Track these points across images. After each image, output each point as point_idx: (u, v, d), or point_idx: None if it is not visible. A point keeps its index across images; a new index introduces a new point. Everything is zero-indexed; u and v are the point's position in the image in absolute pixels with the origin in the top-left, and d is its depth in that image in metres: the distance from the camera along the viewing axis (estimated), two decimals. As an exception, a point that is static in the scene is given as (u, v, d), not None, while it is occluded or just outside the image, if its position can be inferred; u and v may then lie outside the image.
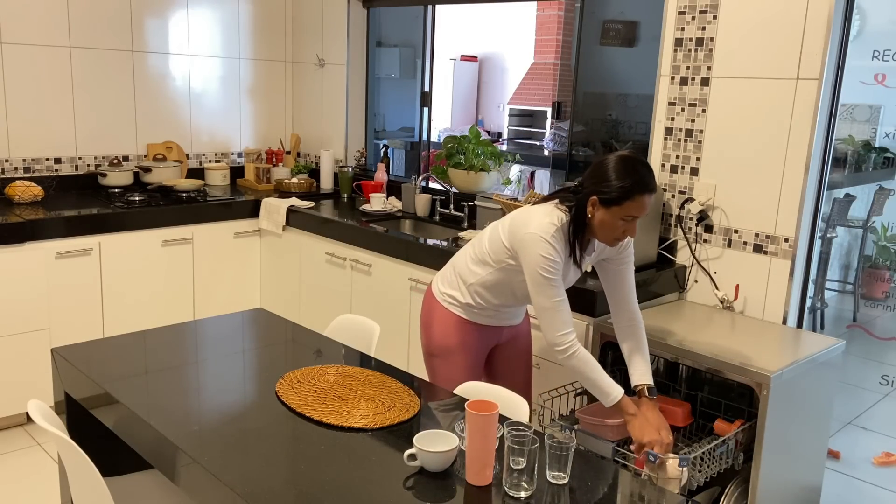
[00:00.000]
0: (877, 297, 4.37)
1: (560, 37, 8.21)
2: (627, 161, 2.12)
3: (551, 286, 2.15)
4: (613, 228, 2.14)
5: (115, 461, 2.17)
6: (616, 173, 2.10)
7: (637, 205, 2.10)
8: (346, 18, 4.46)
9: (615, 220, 2.12)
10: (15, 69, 3.80)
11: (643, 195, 2.10)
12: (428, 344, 2.47)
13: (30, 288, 3.37)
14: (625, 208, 2.10)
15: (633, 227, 2.15)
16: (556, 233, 2.16)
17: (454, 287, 2.43)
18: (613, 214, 2.12)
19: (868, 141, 4.13)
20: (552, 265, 2.14)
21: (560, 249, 2.16)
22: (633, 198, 2.09)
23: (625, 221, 2.12)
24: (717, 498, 2.38)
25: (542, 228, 2.16)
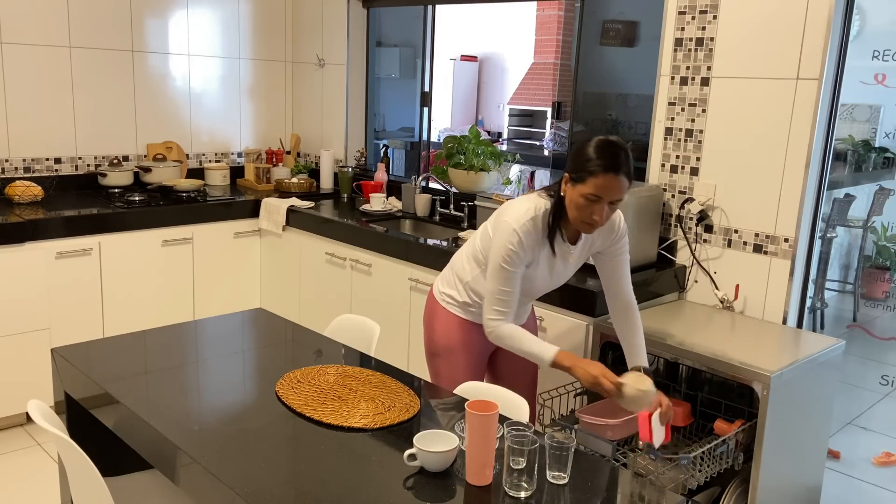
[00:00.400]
0: (877, 297, 4.37)
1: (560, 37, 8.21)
2: (604, 142, 2.08)
3: (505, 276, 2.16)
4: (580, 209, 2.09)
5: (115, 461, 2.17)
6: (589, 152, 2.07)
7: (602, 184, 2.04)
8: (346, 18, 4.46)
9: (581, 198, 2.08)
10: (15, 69, 3.80)
11: (608, 174, 2.03)
12: (430, 344, 2.47)
13: (30, 288, 3.37)
14: (589, 185, 2.05)
15: (600, 210, 2.08)
16: (528, 222, 2.15)
17: (452, 286, 2.43)
18: (579, 192, 2.07)
19: (868, 141, 4.13)
20: (513, 257, 2.15)
21: (529, 241, 2.16)
22: (597, 175, 2.04)
23: (589, 201, 2.07)
24: (717, 498, 2.38)
25: (517, 217, 2.16)
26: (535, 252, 2.21)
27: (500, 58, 9.19)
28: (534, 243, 2.18)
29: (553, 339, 2.78)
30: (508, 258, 2.15)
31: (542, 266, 2.26)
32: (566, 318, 2.75)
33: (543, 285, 2.34)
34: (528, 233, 2.16)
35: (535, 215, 2.17)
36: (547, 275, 2.30)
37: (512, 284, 2.18)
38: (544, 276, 2.29)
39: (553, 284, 2.36)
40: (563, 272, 2.33)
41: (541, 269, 2.27)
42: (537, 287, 2.33)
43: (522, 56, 8.63)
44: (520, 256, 2.16)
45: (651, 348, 2.51)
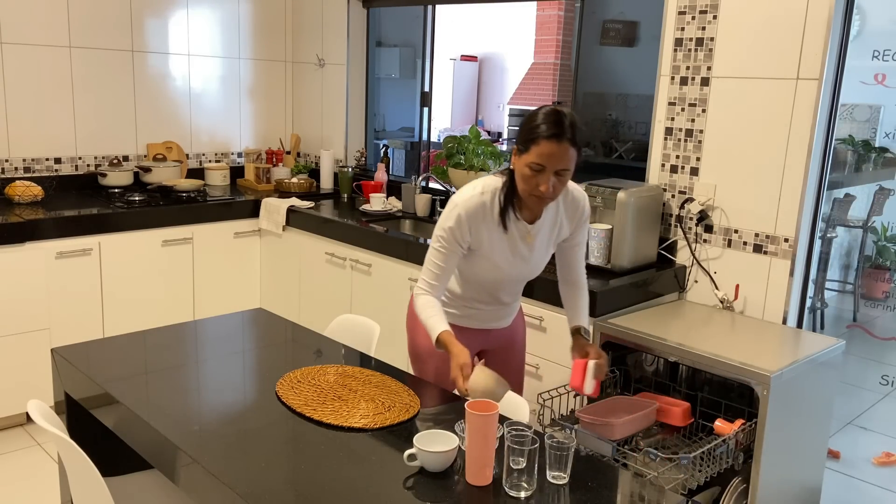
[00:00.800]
0: (877, 297, 4.37)
1: (560, 37, 8.21)
2: (549, 110, 2.00)
3: (438, 250, 2.12)
4: (526, 179, 2.01)
5: (115, 461, 2.17)
6: (533, 120, 2.00)
7: (545, 151, 1.95)
8: (346, 18, 4.46)
9: (526, 168, 1.99)
10: (15, 69, 3.80)
11: (550, 141, 1.94)
12: (413, 348, 2.40)
13: (30, 288, 3.37)
14: (532, 154, 1.97)
15: (546, 179, 1.98)
16: (474, 198, 2.10)
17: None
18: (524, 162, 2.00)
19: (868, 141, 4.13)
20: (449, 232, 2.10)
21: (474, 219, 2.10)
22: (539, 143, 1.95)
23: (534, 171, 1.98)
24: (717, 498, 2.38)
25: (462, 194, 2.12)
26: (483, 231, 2.12)
27: (500, 58, 9.19)
28: (479, 222, 2.11)
29: (553, 338, 2.78)
30: (445, 233, 2.10)
31: (498, 247, 2.15)
32: (566, 318, 2.74)
33: (514, 273, 2.23)
34: (472, 211, 2.09)
35: (482, 192, 2.11)
36: (510, 257, 2.18)
37: (445, 261, 2.12)
38: (508, 259, 2.18)
39: (526, 271, 2.25)
40: (532, 256, 2.21)
41: (499, 251, 2.16)
42: (504, 275, 2.22)
43: (522, 56, 8.63)
44: (455, 233, 2.09)
45: (651, 348, 2.51)
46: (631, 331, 2.57)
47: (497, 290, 2.28)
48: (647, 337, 2.51)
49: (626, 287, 2.79)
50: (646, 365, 2.77)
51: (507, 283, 2.26)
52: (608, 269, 2.88)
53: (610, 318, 2.67)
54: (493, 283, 2.24)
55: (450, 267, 2.15)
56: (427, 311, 2.12)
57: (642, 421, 2.35)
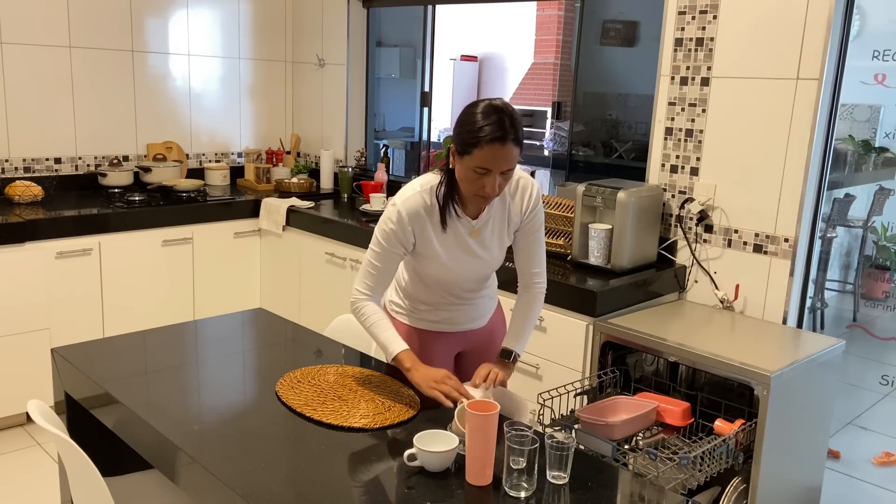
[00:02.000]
0: (877, 297, 4.37)
1: (560, 37, 8.21)
2: (487, 108, 1.88)
3: (377, 251, 2.05)
4: (470, 182, 1.92)
5: (115, 461, 2.17)
6: (466, 122, 1.89)
7: (486, 155, 1.86)
8: (346, 18, 4.46)
9: (469, 172, 1.90)
10: (15, 69, 3.79)
11: (493, 144, 1.85)
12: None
13: (30, 288, 3.37)
14: (475, 158, 1.87)
15: (492, 182, 1.90)
16: (413, 197, 2.01)
17: (396, 293, 2.31)
18: (466, 166, 1.90)
19: (868, 141, 4.13)
20: (388, 233, 2.02)
21: (414, 218, 2.01)
22: (482, 146, 1.85)
23: (478, 174, 1.89)
24: (717, 498, 2.38)
25: (401, 194, 2.04)
26: (428, 230, 2.04)
27: (500, 58, 9.19)
28: (423, 221, 2.02)
29: (553, 338, 2.78)
30: (383, 233, 2.03)
31: (444, 246, 2.06)
32: (566, 318, 2.75)
33: (464, 270, 2.12)
34: (413, 210, 2.00)
35: (421, 190, 2.02)
36: (460, 255, 2.09)
37: (383, 261, 2.05)
38: (457, 256, 2.09)
39: (481, 266, 2.14)
40: (483, 251, 2.11)
41: (446, 250, 2.07)
42: (457, 273, 2.12)
43: (522, 56, 8.63)
44: (396, 233, 2.01)
45: (651, 348, 2.51)
46: (631, 331, 2.57)
47: (456, 288, 2.19)
48: (647, 337, 2.52)
49: (626, 287, 2.79)
50: (646, 365, 2.77)
51: (464, 280, 2.17)
52: (608, 269, 2.88)
53: (610, 318, 2.67)
54: (450, 282, 2.16)
55: (388, 269, 2.07)
56: (379, 326, 2.06)
57: (642, 421, 2.35)
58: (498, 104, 1.91)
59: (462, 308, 2.25)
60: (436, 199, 2.03)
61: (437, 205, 2.03)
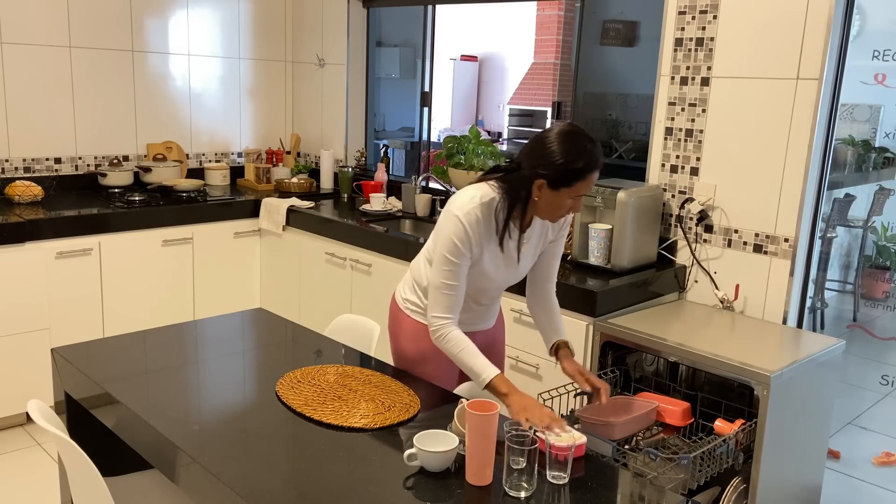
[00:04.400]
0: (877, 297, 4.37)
1: (560, 37, 8.21)
2: (572, 138, 1.98)
3: (449, 269, 2.05)
4: (560, 207, 2.03)
5: (115, 461, 2.17)
6: (563, 153, 1.96)
7: (587, 183, 2.00)
8: (346, 18, 4.46)
9: (564, 199, 2.01)
10: (15, 69, 3.80)
11: (594, 173, 2.00)
12: (397, 355, 2.35)
13: (30, 288, 3.37)
14: (575, 189, 1.99)
15: (580, 203, 2.06)
16: (475, 210, 2.03)
17: (413, 292, 2.32)
18: (563, 195, 2.00)
19: (868, 141, 4.13)
20: (458, 249, 2.04)
21: (477, 232, 2.05)
22: (584, 178, 1.98)
23: (573, 200, 2.02)
24: (717, 498, 2.38)
25: (461, 206, 2.04)
26: (482, 244, 2.08)
27: (500, 58, 9.19)
28: (481, 233, 2.06)
29: (553, 339, 2.78)
30: (453, 248, 2.04)
31: (492, 258, 2.13)
32: (566, 318, 2.74)
33: (500, 280, 2.21)
34: (475, 222, 2.04)
35: (481, 203, 2.05)
36: (503, 268, 2.17)
37: (455, 278, 2.06)
38: (499, 269, 2.17)
39: (511, 280, 2.24)
40: (520, 263, 2.21)
41: (493, 263, 2.14)
42: (494, 283, 2.21)
43: (522, 56, 8.63)
44: (465, 247, 2.04)
45: (651, 348, 2.51)
46: (631, 331, 2.57)
47: (482, 295, 2.25)
48: (647, 337, 2.52)
49: (626, 287, 2.79)
50: (646, 365, 2.77)
51: (493, 289, 2.25)
52: (608, 269, 2.88)
53: (610, 318, 2.67)
54: (480, 290, 2.22)
55: (462, 285, 2.09)
56: (467, 352, 2.05)
57: (642, 421, 2.35)
58: (583, 131, 2.02)
59: (476, 311, 2.30)
60: (492, 215, 2.07)
61: (494, 221, 2.07)
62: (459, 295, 2.09)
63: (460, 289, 2.08)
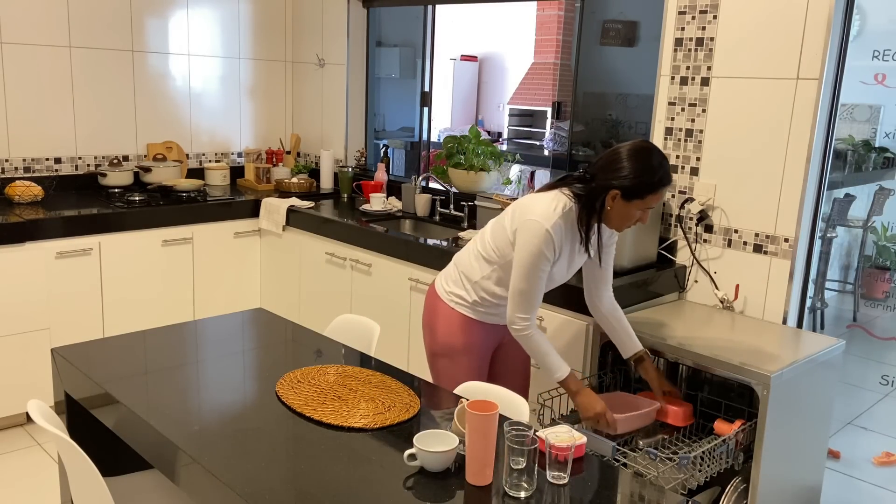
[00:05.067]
0: (877, 297, 4.38)
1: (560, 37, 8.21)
2: (647, 154, 2.17)
3: (536, 277, 2.20)
4: (630, 218, 2.21)
5: (115, 461, 2.17)
6: (639, 169, 2.14)
7: (658, 196, 2.18)
8: (346, 18, 4.46)
9: (634, 211, 2.19)
10: (15, 69, 3.80)
11: (665, 187, 2.19)
12: (432, 344, 2.46)
13: (30, 288, 3.37)
14: (647, 201, 2.17)
15: (647, 214, 2.23)
16: (559, 220, 2.18)
17: (459, 286, 2.41)
18: (634, 207, 2.18)
19: (868, 141, 4.13)
20: (546, 259, 2.19)
21: (559, 240, 2.20)
22: (656, 191, 2.17)
23: (642, 211, 2.20)
24: (717, 498, 2.38)
25: (546, 216, 2.18)
26: (561, 251, 2.24)
27: (500, 58, 9.19)
28: (563, 241, 2.22)
29: (553, 338, 2.78)
30: (540, 257, 2.18)
31: (561, 265, 2.29)
32: (566, 318, 2.75)
33: (561, 280, 2.38)
34: (558, 231, 2.20)
35: (563, 213, 2.20)
36: (565, 272, 2.34)
37: (540, 286, 2.23)
38: (562, 273, 2.33)
39: (566, 278, 2.41)
40: (578, 264, 2.38)
41: (560, 268, 2.30)
42: (556, 282, 2.36)
43: (522, 56, 8.62)
44: (551, 255, 2.20)
45: (651, 348, 2.51)
46: (631, 331, 2.56)
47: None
48: (647, 337, 2.51)
49: (626, 287, 2.79)
50: (646, 365, 2.77)
51: (547, 289, 2.37)
52: (608, 269, 2.87)
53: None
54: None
55: (542, 288, 2.25)
56: (547, 351, 2.25)
57: (643, 419, 2.35)
58: (656, 148, 2.21)
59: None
60: (573, 224, 2.22)
61: (575, 230, 2.23)
62: (540, 298, 2.26)
63: (541, 292, 2.25)
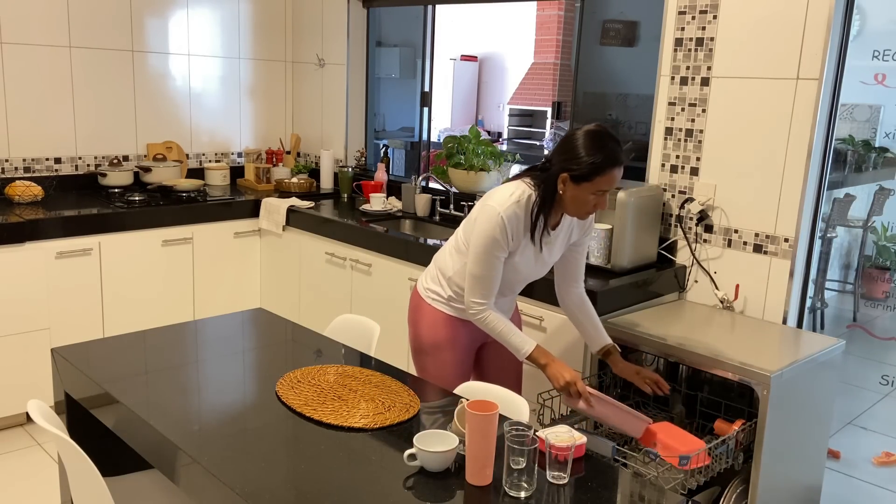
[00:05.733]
0: (877, 297, 4.37)
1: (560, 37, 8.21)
2: (596, 136, 2.13)
3: (489, 262, 2.21)
4: (584, 203, 2.17)
5: (115, 461, 2.17)
6: (586, 149, 2.11)
7: (607, 179, 2.12)
8: (346, 18, 4.46)
9: (586, 195, 2.15)
10: (15, 69, 3.79)
11: (613, 169, 2.12)
12: (415, 341, 2.47)
13: (30, 288, 3.37)
14: (595, 183, 2.12)
15: (604, 200, 2.18)
16: (513, 206, 2.18)
17: (436, 282, 2.43)
18: (584, 190, 2.14)
19: (868, 141, 4.13)
20: (499, 245, 2.19)
21: (514, 227, 2.19)
22: (603, 173, 2.11)
23: (595, 196, 2.15)
24: (717, 498, 2.38)
25: (501, 202, 2.19)
26: (518, 239, 2.22)
27: (500, 58, 9.19)
28: (516, 228, 2.20)
29: (553, 338, 2.78)
30: (492, 242, 2.18)
31: (526, 254, 2.28)
32: (566, 319, 2.75)
33: (527, 274, 2.36)
34: (513, 217, 2.18)
35: (519, 200, 2.19)
36: (532, 263, 2.32)
37: (494, 269, 2.22)
38: (529, 264, 2.31)
39: (536, 274, 2.39)
40: (545, 261, 2.35)
41: (525, 258, 2.28)
42: (522, 276, 2.35)
43: (522, 56, 8.63)
44: (503, 241, 2.19)
45: (651, 348, 2.51)
46: (631, 331, 2.57)
47: (507, 288, 2.37)
48: (647, 337, 2.52)
49: (626, 287, 2.79)
50: (646, 365, 2.77)
51: (519, 282, 2.39)
52: (608, 269, 2.88)
53: (610, 318, 2.67)
54: (508, 282, 2.34)
55: (499, 275, 2.24)
56: (507, 330, 2.24)
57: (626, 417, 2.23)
58: (608, 131, 2.16)
59: (499, 303, 2.39)
60: (526, 209, 2.21)
61: (530, 220, 2.21)
62: (495, 284, 2.25)
63: (496, 278, 2.25)
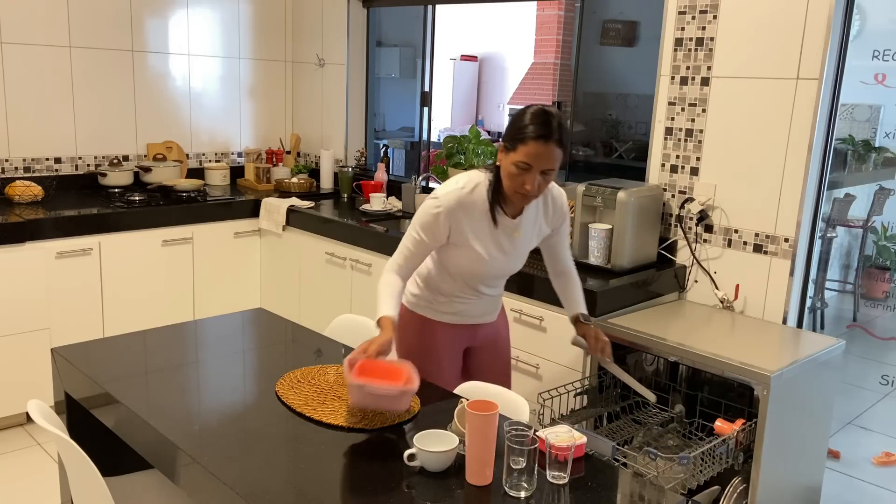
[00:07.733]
0: (877, 297, 4.38)
1: (560, 37, 8.21)
2: (538, 110, 2.05)
3: (413, 236, 2.19)
4: (512, 178, 2.06)
5: (115, 461, 2.17)
6: (519, 118, 2.05)
7: (532, 151, 2.00)
8: (346, 18, 4.46)
9: (512, 167, 2.04)
10: (15, 69, 3.79)
11: (538, 141, 1.99)
12: (400, 346, 2.39)
13: (30, 288, 3.37)
14: (519, 153, 2.02)
15: (532, 179, 2.04)
16: (456, 191, 2.15)
17: (413, 284, 2.38)
18: (511, 160, 2.04)
19: (868, 141, 4.13)
20: (427, 223, 2.16)
21: (456, 215, 2.15)
22: (527, 143, 2.00)
23: (521, 170, 2.03)
24: (717, 498, 2.38)
25: (444, 188, 2.17)
26: (465, 225, 2.16)
27: (500, 58, 9.19)
28: (460, 217, 2.15)
29: (553, 338, 2.78)
30: (421, 223, 2.17)
31: (482, 240, 2.19)
32: (566, 318, 2.75)
33: (497, 267, 2.25)
34: (451, 206, 2.14)
35: (464, 186, 2.16)
36: (497, 254, 2.22)
37: (415, 246, 2.19)
38: (493, 254, 2.21)
39: (507, 265, 2.28)
40: (515, 252, 2.26)
41: (484, 247, 2.19)
42: (490, 268, 2.24)
43: (522, 56, 8.63)
44: (431, 226, 2.16)
45: (651, 348, 2.51)
46: (631, 331, 2.57)
47: (477, 282, 2.31)
48: (647, 337, 2.52)
49: (626, 287, 2.79)
50: (646, 365, 2.77)
51: (488, 276, 2.30)
52: (608, 268, 2.88)
53: (610, 318, 2.67)
54: (475, 275, 2.27)
55: (419, 253, 2.21)
56: (385, 290, 2.18)
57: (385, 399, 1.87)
58: (549, 109, 2.06)
59: (476, 301, 2.36)
60: (478, 196, 2.16)
61: (484, 201, 2.16)
62: (413, 260, 2.22)
63: (415, 255, 2.21)
